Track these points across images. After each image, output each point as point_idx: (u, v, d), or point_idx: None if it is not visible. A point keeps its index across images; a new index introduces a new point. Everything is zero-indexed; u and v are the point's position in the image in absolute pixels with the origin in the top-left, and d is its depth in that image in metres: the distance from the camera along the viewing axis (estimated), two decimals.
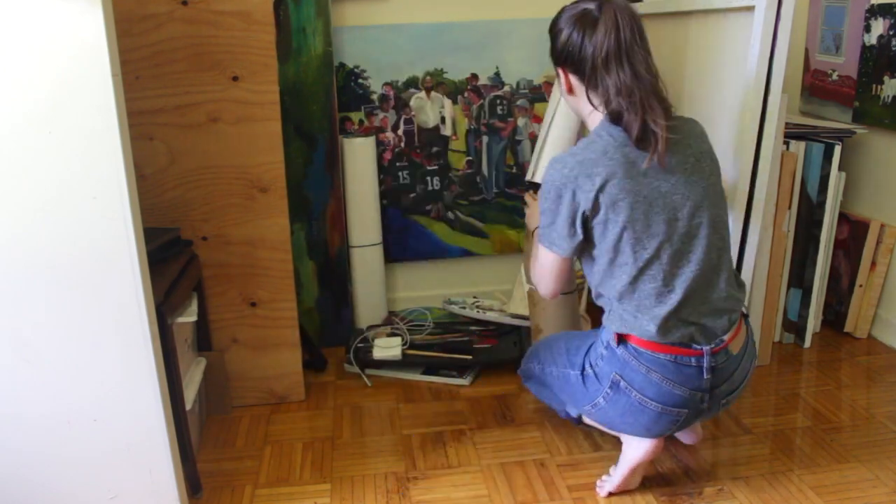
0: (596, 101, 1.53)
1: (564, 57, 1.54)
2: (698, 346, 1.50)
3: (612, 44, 1.46)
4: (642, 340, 1.51)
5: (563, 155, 1.51)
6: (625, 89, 1.46)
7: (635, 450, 1.63)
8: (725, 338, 1.53)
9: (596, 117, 1.55)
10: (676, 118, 1.56)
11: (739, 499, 1.64)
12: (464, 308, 2.46)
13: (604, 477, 1.71)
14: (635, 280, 1.50)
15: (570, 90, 1.59)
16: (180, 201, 1.94)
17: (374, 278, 2.52)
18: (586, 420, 1.73)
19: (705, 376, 1.51)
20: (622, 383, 1.53)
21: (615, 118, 1.49)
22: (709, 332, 1.52)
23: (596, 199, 1.46)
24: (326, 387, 2.23)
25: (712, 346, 1.51)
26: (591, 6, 1.50)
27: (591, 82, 1.52)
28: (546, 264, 1.61)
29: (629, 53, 1.47)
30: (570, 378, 1.67)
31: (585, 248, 1.56)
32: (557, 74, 1.62)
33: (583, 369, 1.63)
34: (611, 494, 1.67)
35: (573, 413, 1.75)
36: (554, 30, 1.57)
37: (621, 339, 1.53)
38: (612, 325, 1.55)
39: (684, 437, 1.83)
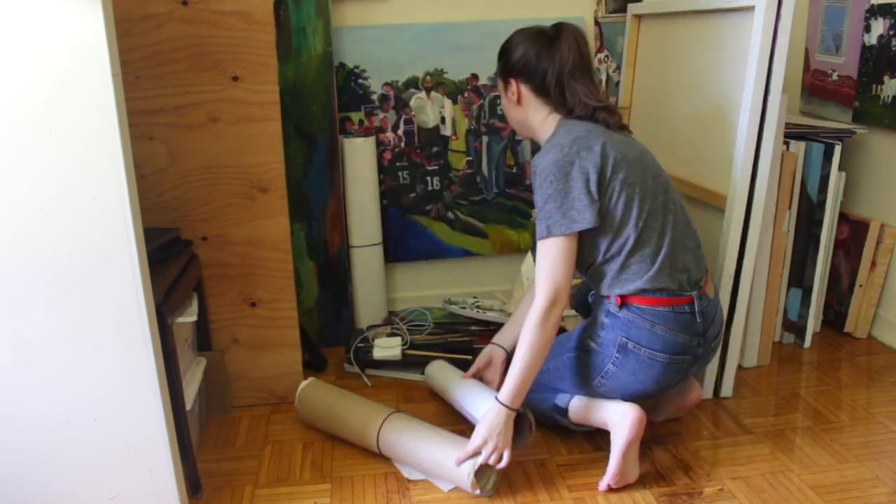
0: (549, 108, 1.73)
1: (519, 69, 1.73)
2: (688, 293, 1.66)
3: (577, 58, 1.69)
4: (644, 298, 1.64)
5: (550, 147, 1.64)
6: (594, 94, 1.70)
7: (621, 430, 1.67)
8: (702, 283, 1.71)
9: (551, 120, 1.73)
10: None
11: (739, 499, 1.64)
12: (464, 308, 2.46)
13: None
14: (640, 236, 1.64)
15: (519, 101, 1.76)
16: (180, 201, 1.94)
17: (374, 278, 2.52)
18: (572, 416, 1.79)
19: (698, 320, 1.67)
20: (630, 344, 1.65)
21: (585, 118, 1.69)
22: (692, 278, 1.70)
23: (602, 161, 1.61)
24: None
25: (696, 291, 1.68)
26: (546, 28, 1.74)
27: (546, 91, 1.71)
28: (559, 251, 1.60)
29: (590, 66, 1.73)
30: (569, 362, 1.75)
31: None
32: (507, 86, 1.77)
33: (582, 348, 1.72)
34: (610, 488, 1.68)
35: (563, 402, 1.79)
36: (508, 46, 1.76)
37: (623, 303, 1.65)
38: (615, 290, 1.66)
39: (687, 396, 1.87)
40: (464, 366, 2.06)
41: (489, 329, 2.40)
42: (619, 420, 1.68)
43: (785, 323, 2.40)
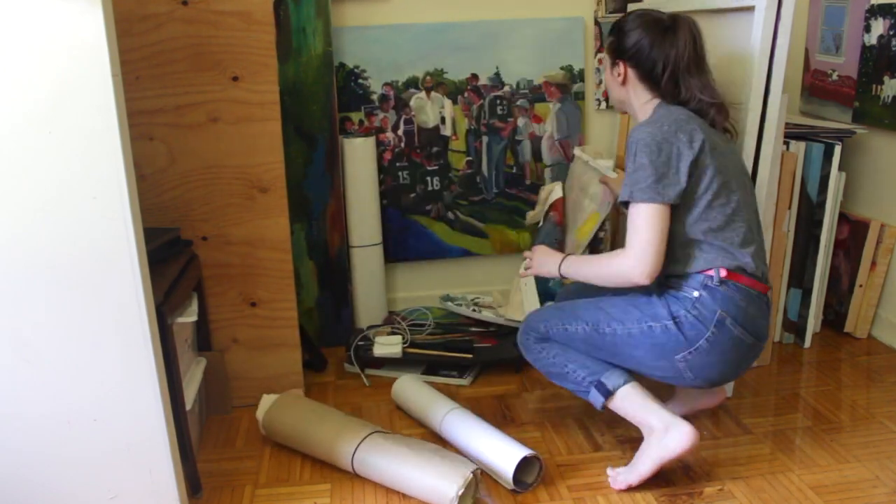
0: (651, 94, 1.76)
1: (631, 54, 1.75)
2: (768, 283, 1.71)
3: (692, 52, 1.72)
4: (743, 277, 1.65)
5: (650, 122, 1.67)
6: (708, 90, 1.72)
7: (674, 446, 1.64)
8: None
9: (650, 105, 1.76)
10: None
11: (739, 499, 1.64)
12: (459, 305, 2.46)
13: (618, 469, 1.72)
14: (730, 219, 1.66)
15: (625, 82, 1.78)
16: (180, 201, 1.94)
17: (374, 278, 2.52)
18: (617, 403, 1.71)
19: (770, 310, 1.72)
20: (728, 320, 1.63)
21: (694, 111, 1.72)
22: (766, 270, 1.74)
23: (700, 147, 1.63)
24: (326, 387, 2.23)
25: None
26: (663, 16, 1.75)
27: (653, 80, 1.74)
28: (649, 222, 1.61)
29: (705, 60, 1.75)
30: (650, 332, 1.66)
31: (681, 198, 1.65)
32: (614, 65, 1.80)
33: (673, 319, 1.65)
34: (630, 487, 1.69)
35: (611, 383, 1.71)
36: (624, 28, 1.77)
37: (726, 278, 1.64)
38: (711, 263, 1.65)
39: (716, 397, 1.89)
40: (464, 366, 2.06)
41: (489, 329, 2.40)
42: (678, 436, 1.64)
43: (785, 323, 2.40)
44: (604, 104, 2.64)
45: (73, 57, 1.23)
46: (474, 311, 2.42)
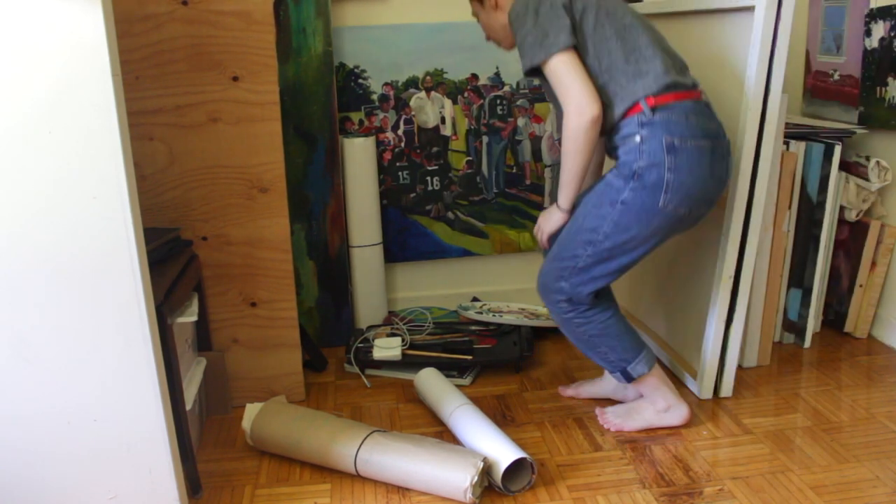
0: None
1: None
2: (699, 89, 1.75)
3: None
4: (671, 94, 1.68)
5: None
6: None
7: (674, 418, 1.87)
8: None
9: None
10: None
11: (739, 499, 1.64)
12: (480, 314, 2.45)
13: (607, 409, 1.94)
14: (632, 45, 1.69)
15: (498, 4, 1.81)
16: (180, 201, 1.94)
17: (374, 278, 2.52)
18: (641, 385, 1.88)
19: (712, 109, 1.75)
20: (675, 140, 1.66)
21: None
22: (693, 79, 1.77)
23: None
24: (326, 387, 2.23)
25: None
26: None
27: None
28: (561, 73, 1.66)
29: None
30: (625, 209, 1.70)
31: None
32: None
33: (633, 177, 1.69)
34: (619, 431, 1.89)
35: (635, 372, 1.85)
36: None
37: (656, 105, 1.67)
38: (641, 93, 1.68)
39: (675, 417, 1.91)
40: (464, 366, 2.06)
41: (489, 329, 2.40)
42: (677, 415, 1.88)
43: (785, 323, 2.40)
44: None
45: (73, 56, 1.23)
46: (495, 316, 2.42)
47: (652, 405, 1.90)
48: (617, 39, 1.69)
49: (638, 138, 1.68)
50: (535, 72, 1.71)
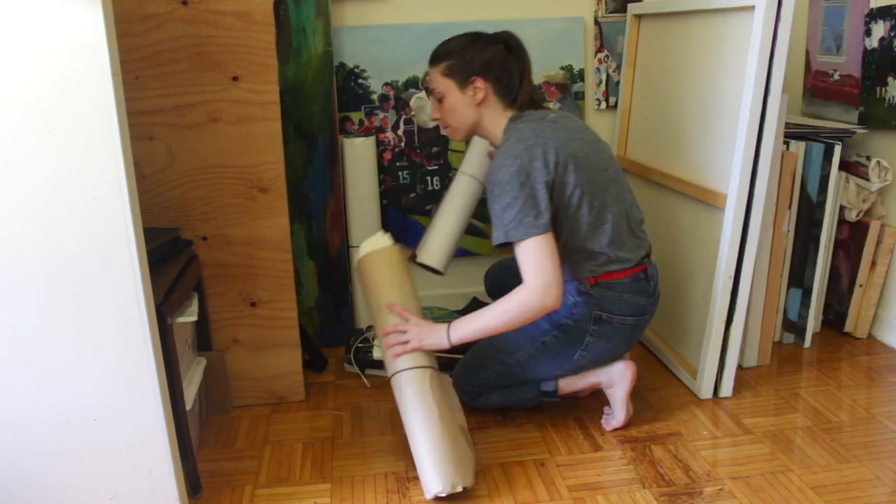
0: (503, 105, 1.82)
1: (489, 68, 1.79)
2: (643, 262, 1.84)
3: (528, 60, 1.84)
4: (613, 273, 1.79)
5: (504, 156, 1.70)
6: (532, 87, 1.86)
7: (623, 382, 1.88)
8: (650, 250, 1.90)
9: (502, 119, 1.82)
10: None
11: (739, 499, 1.64)
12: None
13: (604, 419, 1.96)
14: (595, 225, 1.75)
15: (484, 100, 1.80)
16: (180, 201, 1.94)
17: None
18: (563, 388, 1.93)
19: (651, 283, 1.85)
20: (604, 315, 1.81)
21: (527, 107, 1.82)
22: (645, 246, 1.87)
23: (554, 167, 1.69)
24: (326, 387, 2.23)
25: (648, 258, 1.86)
26: (487, 33, 1.83)
27: (508, 91, 1.81)
28: (536, 255, 1.67)
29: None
30: (543, 349, 1.86)
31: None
32: (465, 87, 1.80)
33: (559, 328, 1.83)
34: (615, 429, 1.92)
35: (550, 387, 1.92)
36: (469, 47, 1.79)
37: (596, 282, 1.79)
38: (586, 273, 1.79)
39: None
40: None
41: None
42: (620, 375, 1.88)
43: (785, 323, 2.40)
44: (604, 104, 2.64)
45: (73, 57, 1.23)
46: None
47: (606, 388, 1.93)
48: (587, 224, 1.75)
49: (572, 299, 1.81)
50: (506, 244, 1.70)
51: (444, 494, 1.61)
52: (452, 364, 2.22)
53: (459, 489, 1.62)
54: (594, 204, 1.74)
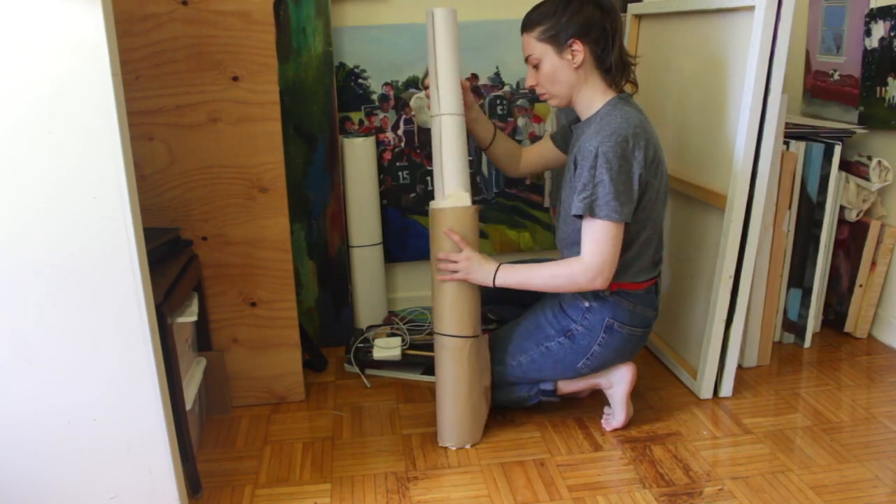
0: (600, 70, 1.75)
1: (587, 30, 1.70)
2: (656, 275, 1.86)
3: (620, 19, 1.75)
4: (634, 284, 1.79)
5: (610, 131, 1.65)
6: (622, 48, 1.76)
7: (623, 383, 1.88)
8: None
9: (602, 99, 1.76)
10: None
11: (739, 499, 1.64)
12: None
13: (604, 419, 1.95)
14: (650, 234, 1.77)
15: (582, 64, 1.73)
16: (180, 201, 1.94)
17: (374, 278, 2.52)
18: (563, 388, 1.93)
19: (657, 297, 1.88)
20: (615, 325, 1.80)
21: (619, 69, 1.74)
22: (660, 263, 1.89)
23: (646, 164, 1.67)
24: (326, 387, 2.23)
25: (658, 271, 1.88)
26: None
27: (604, 53, 1.72)
28: (606, 237, 1.67)
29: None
30: (548, 352, 1.85)
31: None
32: (569, 48, 1.71)
33: (566, 334, 1.83)
34: (615, 430, 1.92)
35: (549, 387, 1.92)
36: (566, 9, 1.70)
37: (617, 290, 1.78)
38: (616, 279, 1.75)
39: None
40: None
41: (488, 329, 2.40)
42: (621, 376, 1.88)
43: (785, 323, 2.40)
44: None
45: (73, 56, 1.23)
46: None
47: (606, 389, 1.93)
48: (647, 228, 1.76)
49: (587, 304, 1.81)
50: (580, 215, 1.68)
51: (453, 448, 1.85)
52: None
53: (467, 447, 1.85)
54: (652, 214, 1.76)
